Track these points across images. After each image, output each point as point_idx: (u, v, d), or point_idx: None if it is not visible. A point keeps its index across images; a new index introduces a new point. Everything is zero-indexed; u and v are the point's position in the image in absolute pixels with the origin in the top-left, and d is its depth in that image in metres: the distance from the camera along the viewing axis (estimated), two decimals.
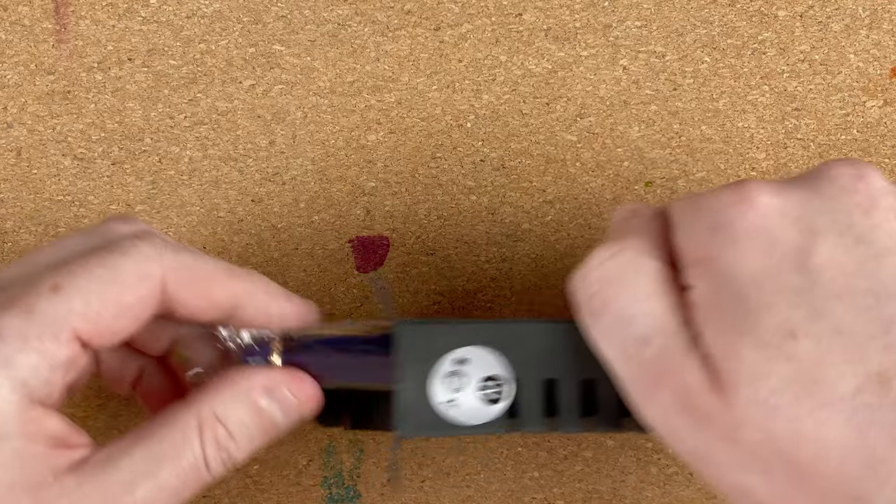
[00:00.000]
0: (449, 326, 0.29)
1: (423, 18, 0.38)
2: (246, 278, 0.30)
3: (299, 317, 0.31)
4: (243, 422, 0.29)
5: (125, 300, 0.28)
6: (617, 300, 0.27)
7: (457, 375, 0.29)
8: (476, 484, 0.39)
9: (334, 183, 0.38)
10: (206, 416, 0.28)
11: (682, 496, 0.39)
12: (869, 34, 0.38)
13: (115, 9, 0.37)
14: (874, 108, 0.38)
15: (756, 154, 0.38)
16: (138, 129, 0.38)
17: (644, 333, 0.26)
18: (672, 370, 0.26)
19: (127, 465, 0.27)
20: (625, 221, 0.29)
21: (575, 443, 0.39)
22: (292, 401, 0.30)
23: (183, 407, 0.28)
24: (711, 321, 0.26)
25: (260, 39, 0.37)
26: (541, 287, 0.38)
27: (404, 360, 0.29)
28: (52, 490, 0.26)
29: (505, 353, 0.30)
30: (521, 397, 0.30)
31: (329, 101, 0.38)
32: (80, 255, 0.28)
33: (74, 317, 0.27)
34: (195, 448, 0.28)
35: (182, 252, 0.29)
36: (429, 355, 0.29)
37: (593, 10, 0.38)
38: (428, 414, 0.29)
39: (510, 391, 0.30)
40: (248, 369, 0.30)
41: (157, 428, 0.28)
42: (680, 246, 0.27)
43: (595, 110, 0.38)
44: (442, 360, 0.29)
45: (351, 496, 0.39)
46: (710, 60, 0.38)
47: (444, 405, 0.29)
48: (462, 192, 0.38)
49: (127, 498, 0.27)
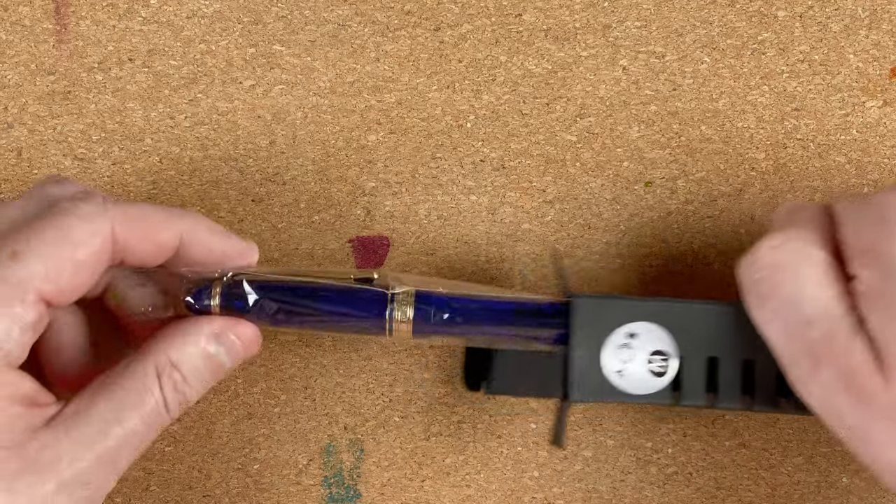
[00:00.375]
0: (623, 302, 0.32)
1: (423, 19, 0.38)
2: (188, 219, 0.31)
3: (241, 254, 0.32)
4: (196, 366, 0.31)
5: (80, 257, 0.29)
6: (785, 285, 0.29)
7: (627, 347, 0.32)
8: (476, 484, 0.39)
9: (334, 183, 0.38)
10: (163, 364, 0.31)
11: (682, 496, 0.39)
12: (868, 34, 0.38)
13: (115, 9, 0.37)
14: (874, 109, 0.38)
15: (756, 154, 0.38)
16: (139, 129, 0.38)
17: (810, 316, 0.29)
18: (837, 351, 0.28)
19: (96, 416, 0.29)
20: (791, 214, 0.31)
21: (575, 443, 0.39)
22: (237, 344, 0.32)
23: (139, 357, 0.31)
24: (877, 308, 0.28)
25: (260, 40, 0.37)
26: (540, 287, 0.38)
27: (580, 329, 0.32)
28: (32, 446, 0.28)
29: (672, 330, 0.32)
30: (685, 372, 0.32)
31: (329, 101, 0.38)
32: (28, 221, 0.29)
33: (37, 280, 0.28)
34: (156, 393, 0.30)
35: (123, 203, 0.30)
36: (603, 327, 0.32)
37: (593, 10, 0.38)
38: (598, 381, 0.32)
39: (675, 366, 0.32)
40: (194, 318, 0.32)
41: (118, 378, 0.30)
42: (847, 238, 0.29)
43: (595, 110, 0.38)
44: (615, 332, 0.32)
45: (351, 496, 0.39)
46: (709, 61, 0.38)
47: (614, 374, 0.32)
48: (462, 192, 0.38)
49: (100, 446, 0.29)
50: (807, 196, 0.38)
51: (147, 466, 0.38)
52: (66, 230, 0.29)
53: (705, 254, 0.38)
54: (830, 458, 0.39)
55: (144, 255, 0.31)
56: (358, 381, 0.38)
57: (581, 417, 0.39)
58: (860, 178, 0.38)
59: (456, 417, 0.39)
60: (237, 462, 0.39)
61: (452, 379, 0.39)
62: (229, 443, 0.39)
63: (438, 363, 0.38)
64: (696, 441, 0.39)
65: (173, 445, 0.38)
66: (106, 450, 0.29)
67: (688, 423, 0.39)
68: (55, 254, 0.29)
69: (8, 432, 0.28)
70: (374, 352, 0.38)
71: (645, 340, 0.32)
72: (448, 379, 0.39)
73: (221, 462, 0.39)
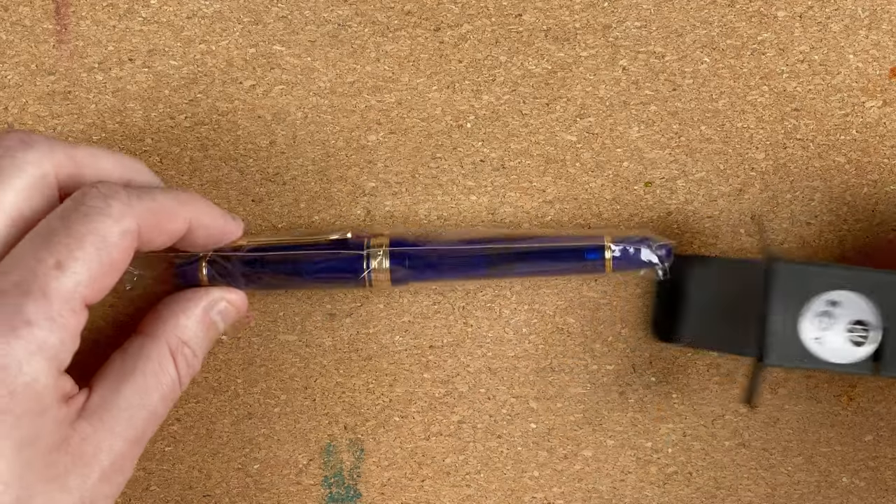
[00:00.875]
0: (826, 269, 0.33)
1: (423, 19, 0.38)
2: (193, 205, 0.33)
3: (233, 233, 0.35)
4: (200, 338, 0.34)
5: (116, 258, 0.30)
6: None
7: (826, 315, 0.33)
8: (476, 484, 0.39)
9: (334, 183, 0.38)
10: (175, 343, 0.33)
11: (682, 496, 0.39)
12: (868, 35, 0.38)
13: (115, 9, 0.37)
14: (873, 109, 0.38)
15: (755, 154, 0.38)
16: (139, 129, 0.38)
17: None
18: None
19: (124, 403, 0.31)
20: None
21: (575, 443, 0.39)
22: (230, 308, 0.35)
23: (150, 339, 0.33)
24: None
25: (260, 40, 0.38)
26: (540, 287, 0.38)
27: (778, 294, 0.32)
28: (74, 440, 0.30)
29: (876, 301, 0.32)
30: (887, 343, 0.32)
31: (329, 101, 0.38)
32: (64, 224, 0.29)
33: (82, 287, 0.29)
34: (172, 373, 0.33)
35: (142, 196, 0.31)
36: (804, 293, 0.32)
37: (593, 10, 0.38)
38: (795, 347, 0.32)
39: (876, 337, 0.32)
40: (191, 292, 0.35)
41: (137, 363, 0.32)
42: None
43: (595, 110, 0.38)
44: (815, 299, 0.32)
45: (351, 496, 0.39)
46: (709, 61, 0.38)
47: (811, 341, 0.33)
48: (462, 192, 0.38)
49: (131, 432, 0.31)
50: (807, 196, 0.38)
51: (147, 466, 0.38)
52: (103, 234, 0.29)
53: (705, 254, 0.38)
54: (830, 458, 0.39)
55: (155, 244, 0.32)
56: (358, 381, 0.38)
57: (581, 417, 0.39)
58: (860, 178, 0.38)
59: (456, 417, 0.39)
60: (237, 462, 0.39)
61: (453, 378, 0.39)
62: (229, 443, 0.39)
63: (440, 363, 0.38)
64: (696, 441, 0.39)
65: (173, 445, 0.38)
66: (136, 434, 0.31)
67: (688, 423, 0.39)
68: (95, 259, 0.29)
69: (57, 432, 0.29)
70: (374, 352, 0.38)
71: (846, 309, 0.32)
72: (449, 378, 0.39)
73: (221, 462, 0.39)
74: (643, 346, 0.39)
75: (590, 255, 0.35)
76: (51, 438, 0.29)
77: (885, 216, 0.38)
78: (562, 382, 0.39)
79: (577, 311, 0.38)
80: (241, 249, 0.35)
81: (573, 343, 0.39)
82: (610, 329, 0.39)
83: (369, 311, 0.38)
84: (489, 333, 0.38)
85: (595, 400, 0.39)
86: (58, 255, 0.29)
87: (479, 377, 0.39)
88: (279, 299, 0.38)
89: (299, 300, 0.38)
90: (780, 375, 0.39)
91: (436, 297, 0.38)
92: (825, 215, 0.38)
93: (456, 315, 0.38)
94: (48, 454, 0.29)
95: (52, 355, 0.28)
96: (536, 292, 0.38)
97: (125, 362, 0.32)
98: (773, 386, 0.39)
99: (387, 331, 0.38)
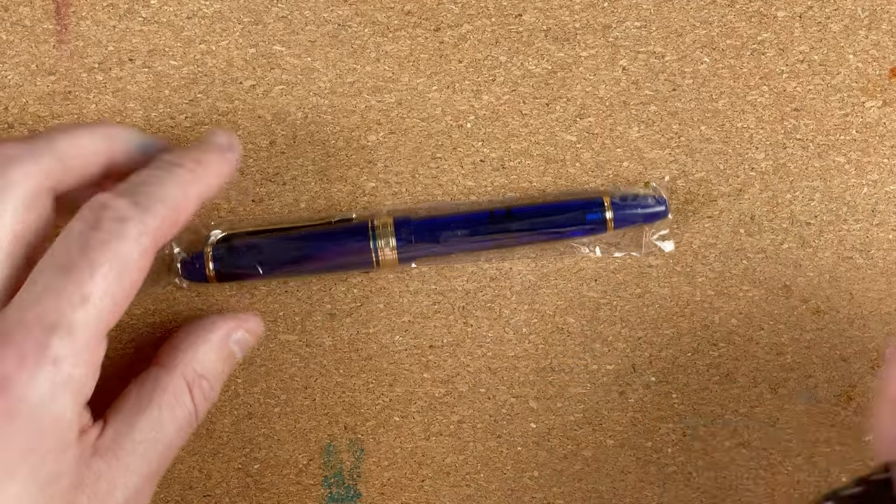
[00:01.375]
0: None
1: (423, 19, 0.38)
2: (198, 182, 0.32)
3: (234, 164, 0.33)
4: (217, 370, 0.34)
5: (136, 279, 0.30)
6: None
7: None
8: (476, 484, 0.39)
9: (334, 183, 0.38)
10: (191, 375, 0.33)
11: (681, 496, 0.39)
12: (868, 35, 0.38)
13: (115, 9, 0.37)
14: (873, 109, 0.38)
15: (755, 154, 0.38)
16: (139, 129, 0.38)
17: None
18: None
19: (139, 437, 0.31)
20: None
21: (574, 443, 0.39)
22: (248, 337, 0.35)
23: (165, 371, 0.33)
24: None
25: (260, 40, 0.38)
26: (540, 287, 0.38)
27: None
28: (90, 478, 0.29)
29: None
30: None
31: (329, 101, 0.38)
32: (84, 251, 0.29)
33: (105, 317, 0.29)
34: (188, 405, 0.32)
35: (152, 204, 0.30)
36: None
37: (593, 10, 0.38)
38: None
39: None
40: (209, 322, 0.34)
41: (152, 395, 0.32)
42: None
43: (595, 110, 0.38)
44: None
45: (351, 496, 0.39)
46: (709, 61, 0.38)
47: None
48: (462, 192, 0.38)
49: (146, 467, 0.31)
50: (807, 196, 0.38)
51: None
52: (123, 258, 0.29)
53: (705, 254, 0.38)
54: (830, 458, 0.39)
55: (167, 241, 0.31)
56: (358, 380, 0.38)
57: (581, 417, 0.39)
58: (860, 178, 0.38)
59: (456, 417, 0.39)
60: (237, 462, 0.39)
61: (453, 378, 0.39)
62: (229, 443, 0.39)
63: (440, 363, 0.38)
64: (696, 441, 0.39)
65: None
66: (150, 469, 0.31)
67: (688, 423, 0.39)
68: (120, 288, 0.29)
69: (76, 470, 0.29)
70: (374, 351, 0.38)
71: None
72: (449, 378, 0.39)
73: (221, 462, 0.39)
74: (643, 346, 0.39)
75: (590, 217, 0.36)
76: (71, 476, 0.29)
77: (885, 216, 0.38)
78: (562, 382, 0.39)
79: (577, 311, 0.38)
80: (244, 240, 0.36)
81: (573, 343, 0.39)
82: (610, 329, 0.39)
83: (369, 311, 0.38)
84: (489, 333, 0.38)
85: (595, 400, 0.39)
86: (82, 289, 0.28)
87: (479, 377, 0.39)
88: (279, 299, 0.38)
89: (299, 300, 0.38)
90: (781, 376, 0.39)
91: (436, 297, 0.38)
92: (825, 215, 0.38)
93: (456, 315, 0.38)
94: (67, 493, 0.28)
95: (77, 389, 0.28)
96: (536, 292, 0.38)
97: (140, 395, 0.32)
98: (774, 386, 0.39)
99: (387, 331, 0.38)
